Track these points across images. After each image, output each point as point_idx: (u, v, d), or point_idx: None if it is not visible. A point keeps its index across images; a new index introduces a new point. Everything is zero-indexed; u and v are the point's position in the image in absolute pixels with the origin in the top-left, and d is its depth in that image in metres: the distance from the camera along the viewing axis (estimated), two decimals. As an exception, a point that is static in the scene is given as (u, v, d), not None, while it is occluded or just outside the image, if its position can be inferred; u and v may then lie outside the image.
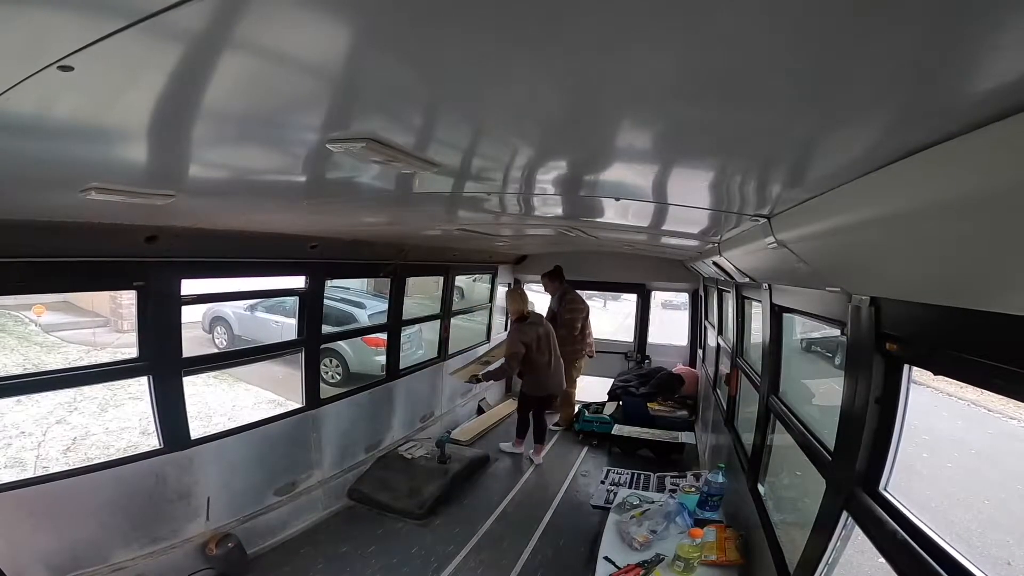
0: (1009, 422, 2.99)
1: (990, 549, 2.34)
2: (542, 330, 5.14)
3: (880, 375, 1.36)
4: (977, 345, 0.93)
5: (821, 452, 1.78)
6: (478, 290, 8.56)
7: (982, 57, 0.53)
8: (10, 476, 4.77)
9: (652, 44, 0.60)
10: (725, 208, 1.77)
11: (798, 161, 1.06)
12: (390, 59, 0.72)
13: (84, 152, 1.21)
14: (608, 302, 18.48)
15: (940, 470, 3.39)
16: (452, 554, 3.62)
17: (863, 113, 0.75)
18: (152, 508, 2.88)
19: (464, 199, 2.11)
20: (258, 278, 3.69)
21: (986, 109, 0.62)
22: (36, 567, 2.44)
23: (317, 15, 0.60)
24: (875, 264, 1.21)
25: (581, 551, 3.75)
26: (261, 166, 1.51)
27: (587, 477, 5.10)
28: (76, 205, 1.76)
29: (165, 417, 2.94)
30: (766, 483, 2.69)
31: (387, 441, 4.89)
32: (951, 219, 0.78)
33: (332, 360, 8.28)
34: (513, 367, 4.95)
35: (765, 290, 2.68)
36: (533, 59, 0.68)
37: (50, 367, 5.60)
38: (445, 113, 1.01)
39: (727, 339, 4.41)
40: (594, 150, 1.23)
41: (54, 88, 0.78)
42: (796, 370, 2.81)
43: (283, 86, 0.84)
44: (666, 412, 5.86)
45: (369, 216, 2.72)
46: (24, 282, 2.30)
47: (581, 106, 0.89)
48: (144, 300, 2.81)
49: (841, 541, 1.55)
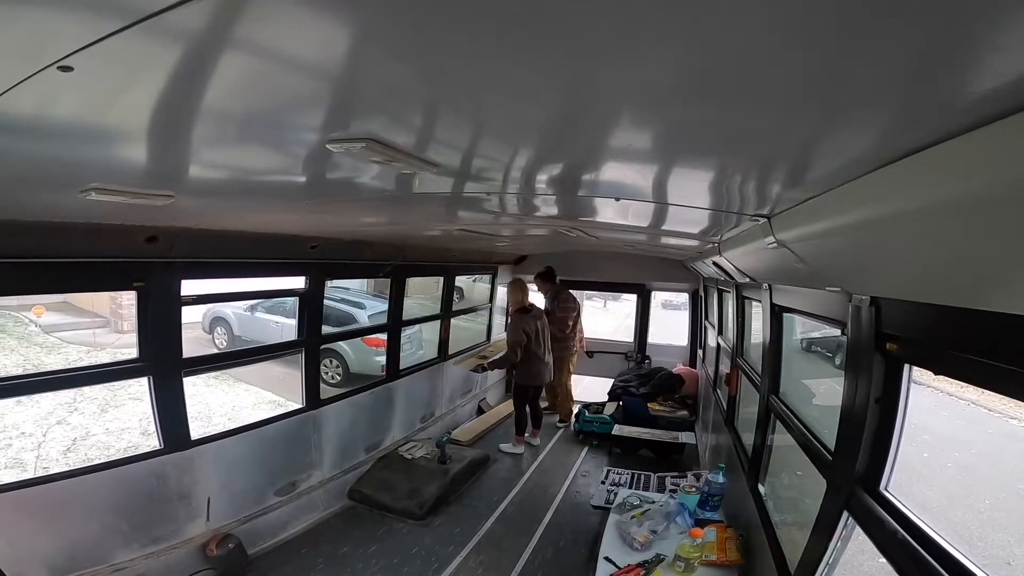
0: (1009, 422, 2.99)
1: (990, 549, 2.34)
2: (540, 323, 5.38)
3: (880, 375, 1.36)
4: (977, 344, 0.93)
5: (821, 452, 1.77)
6: (478, 290, 8.56)
7: (982, 57, 0.53)
8: (10, 477, 4.77)
9: (652, 44, 0.60)
10: (725, 208, 1.77)
11: (798, 161, 1.06)
12: (390, 59, 0.72)
13: (84, 152, 1.21)
14: (608, 302, 18.48)
15: (940, 470, 3.39)
16: (452, 554, 3.62)
17: (863, 113, 0.75)
18: (152, 508, 2.88)
19: (464, 199, 2.11)
20: (258, 278, 3.69)
21: (986, 109, 0.62)
22: (36, 567, 2.44)
23: (317, 15, 0.60)
24: (875, 264, 1.21)
25: (581, 551, 3.75)
26: (261, 166, 1.51)
27: (587, 477, 5.10)
28: (76, 205, 1.76)
29: (165, 418, 2.94)
30: (766, 483, 2.69)
31: (387, 441, 4.89)
32: (951, 219, 0.78)
33: (332, 360, 8.28)
34: (517, 354, 5.14)
35: (765, 290, 2.68)
36: (532, 59, 0.68)
37: (50, 368, 5.59)
38: (445, 113, 1.01)
39: (727, 339, 4.41)
40: (593, 150, 1.23)
41: (54, 88, 0.78)
42: (796, 370, 2.81)
43: (283, 86, 0.84)
44: (666, 412, 5.86)
45: (369, 216, 2.72)
46: (24, 282, 2.30)
47: (580, 106, 0.89)
48: (144, 300, 2.81)
49: (841, 541, 1.55)
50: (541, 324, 5.37)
